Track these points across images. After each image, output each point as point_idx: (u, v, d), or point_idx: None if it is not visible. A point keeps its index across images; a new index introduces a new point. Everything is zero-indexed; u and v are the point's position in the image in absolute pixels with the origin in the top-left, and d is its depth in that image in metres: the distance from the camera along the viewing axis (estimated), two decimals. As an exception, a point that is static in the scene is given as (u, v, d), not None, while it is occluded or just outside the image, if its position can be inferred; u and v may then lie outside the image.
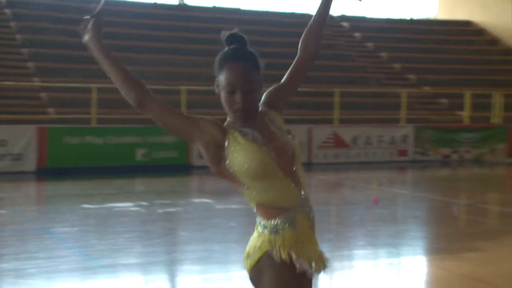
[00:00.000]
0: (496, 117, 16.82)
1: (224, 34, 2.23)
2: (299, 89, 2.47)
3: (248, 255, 2.23)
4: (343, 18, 22.94)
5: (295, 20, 21.71)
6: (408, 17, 24.71)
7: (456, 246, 6.65)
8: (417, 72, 19.25)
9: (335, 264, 5.92)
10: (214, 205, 9.19)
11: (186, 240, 6.90)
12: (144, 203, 8.91)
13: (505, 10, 22.45)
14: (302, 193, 2.21)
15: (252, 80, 2.14)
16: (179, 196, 10.17)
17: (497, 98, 16.75)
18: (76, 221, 7.77)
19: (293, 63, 2.44)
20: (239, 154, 2.13)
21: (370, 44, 20.98)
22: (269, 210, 2.19)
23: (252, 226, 7.61)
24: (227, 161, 2.16)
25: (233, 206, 9.07)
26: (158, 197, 9.66)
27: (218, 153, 2.17)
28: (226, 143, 2.14)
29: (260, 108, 2.25)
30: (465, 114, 16.57)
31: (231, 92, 2.12)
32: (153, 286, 5.28)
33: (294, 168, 2.19)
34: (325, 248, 6.98)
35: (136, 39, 17.35)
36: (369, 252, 6.50)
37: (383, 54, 20.42)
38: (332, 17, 23.60)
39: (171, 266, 5.94)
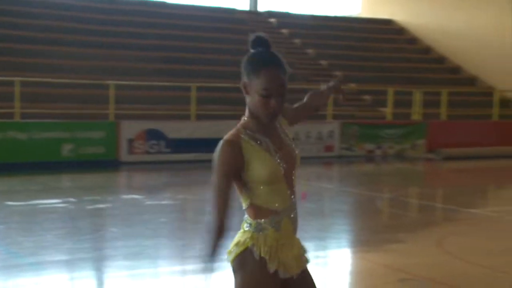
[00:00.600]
0: (416, 113, 17.51)
1: (251, 36, 2.36)
2: (229, 85, 2.59)
3: (232, 249, 2.34)
4: (270, 14, 23.19)
5: (222, 15, 21.78)
6: (332, 14, 25.23)
7: (379, 238, 6.94)
8: (343, 69, 19.73)
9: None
10: (144, 201, 9.15)
11: (116, 236, 6.86)
12: (72, 200, 8.76)
13: (424, 10, 23.37)
14: (293, 198, 2.38)
15: (285, 86, 2.27)
16: (108, 192, 10.05)
17: (417, 96, 17.44)
18: (1, 218, 7.56)
19: (298, 106, 2.71)
20: (254, 161, 2.26)
21: (297, 41, 21.31)
22: (260, 210, 2.31)
23: (183, 221, 7.68)
24: (245, 168, 2.27)
25: (163, 202, 9.09)
26: (87, 193, 9.51)
27: (243, 169, 2.29)
28: (244, 154, 2.26)
29: None
30: (388, 110, 17.16)
31: (266, 96, 2.22)
32: (82, 282, 5.24)
33: (293, 176, 2.37)
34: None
35: (63, 32, 16.91)
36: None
37: (310, 50, 20.79)
38: (259, 13, 23.83)
39: (100, 262, 5.90)
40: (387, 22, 24.43)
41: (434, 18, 22.94)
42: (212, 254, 2.25)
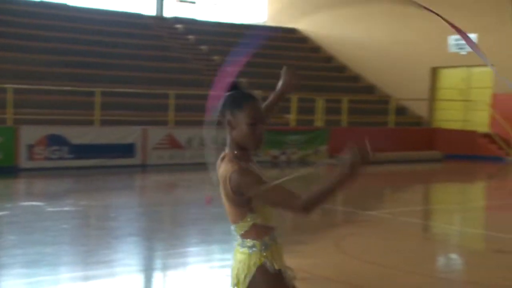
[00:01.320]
0: (319, 120, 18.10)
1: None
2: (133, 90, 2.69)
3: (243, 275, 2.50)
4: (177, 20, 23.19)
5: (128, 20, 21.53)
6: (239, 22, 25.56)
7: (284, 240, 7.16)
8: (249, 76, 20.04)
9: (170, 262, 6.13)
10: (45, 207, 8.91)
11: (14, 244, 6.66)
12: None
13: (327, 21, 24.20)
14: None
15: (265, 116, 2.58)
16: (6, 199, 9.70)
17: (320, 103, 18.03)
18: None
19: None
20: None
21: (203, 47, 21.44)
22: (262, 229, 2.53)
23: (85, 227, 7.54)
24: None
25: (65, 208, 8.90)
26: (-18, 200, 9.15)
27: None
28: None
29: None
30: (292, 117, 17.62)
31: (254, 124, 2.48)
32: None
33: None
34: (159, 247, 7.13)
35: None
36: (201, 249, 6.77)
37: (216, 57, 20.97)
38: (165, 19, 23.74)
39: (-2, 271, 5.73)
40: (292, 31, 25.06)
41: (336, 29, 23.81)
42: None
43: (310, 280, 5.32)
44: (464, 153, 18.56)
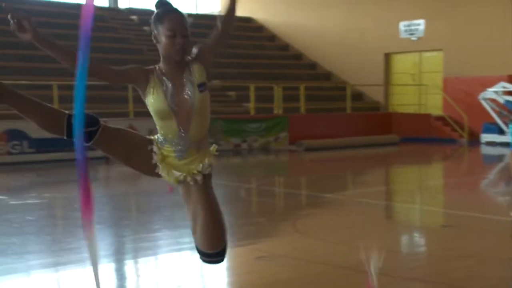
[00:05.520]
0: (278, 108, 18.43)
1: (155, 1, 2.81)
2: (93, 82, 2.94)
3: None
4: (131, 11, 23.14)
5: (77, 12, 21.39)
6: (193, 12, 25.61)
7: (241, 222, 7.45)
8: (206, 66, 20.20)
9: (137, 246, 6.34)
10: (8, 201, 8.99)
11: (-21, 237, 6.77)
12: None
13: (282, 9, 24.49)
14: (185, 135, 2.88)
15: (187, 28, 2.76)
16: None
17: (278, 91, 18.35)
18: None
19: (214, 35, 2.96)
20: (151, 97, 2.80)
21: (161, 39, 21.50)
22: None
23: (51, 218, 7.67)
24: (146, 99, 2.85)
25: (29, 201, 8.99)
26: None
27: (142, 91, 2.84)
28: (148, 86, 2.80)
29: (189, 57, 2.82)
30: (251, 105, 17.90)
31: (172, 36, 2.69)
32: None
33: (190, 118, 2.85)
34: (125, 234, 7.29)
35: None
36: (165, 234, 7.01)
37: (174, 48, 21.07)
38: (119, 10, 23.65)
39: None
40: (247, 20, 25.26)
41: (291, 17, 24.12)
42: None
43: (266, 258, 5.63)
44: (420, 136, 19.17)
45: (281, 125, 17.55)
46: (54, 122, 2.85)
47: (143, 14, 23.09)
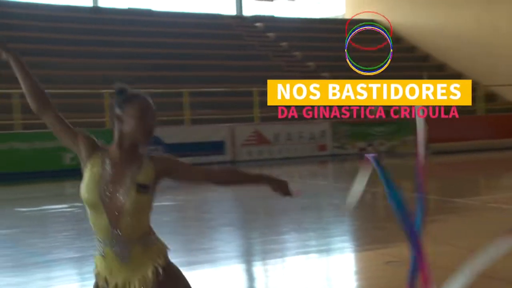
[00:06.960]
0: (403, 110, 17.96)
1: (115, 88, 2.53)
2: (219, 89, 2.93)
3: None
4: (256, 18, 23.62)
5: (208, 21, 22.18)
6: (317, 17, 25.68)
7: (369, 226, 7.39)
8: (330, 70, 20.18)
9: (266, 248, 6.50)
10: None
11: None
12: (77, 204, 9.15)
13: (406, 10, 23.88)
14: (117, 233, 2.41)
15: (155, 114, 2.48)
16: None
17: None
18: (13, 223, 7.95)
19: (213, 173, 2.65)
20: (85, 177, 2.44)
21: (284, 44, 21.75)
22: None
23: (183, 220, 7.94)
24: (83, 169, 2.47)
25: (165, 203, 9.46)
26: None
27: (82, 163, 2.49)
28: (87, 163, 2.45)
29: (147, 152, 2.50)
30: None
31: (142, 116, 2.42)
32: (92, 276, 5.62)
33: (118, 215, 2.40)
34: (253, 236, 7.45)
35: (50, 43, 17.23)
36: (292, 237, 7.11)
37: (297, 53, 21.24)
38: (244, 18, 24.24)
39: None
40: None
41: (418, 17, 23.49)
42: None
43: (397, 263, 5.55)
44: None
45: (408, 128, 17.11)
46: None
47: (268, 21, 23.54)
